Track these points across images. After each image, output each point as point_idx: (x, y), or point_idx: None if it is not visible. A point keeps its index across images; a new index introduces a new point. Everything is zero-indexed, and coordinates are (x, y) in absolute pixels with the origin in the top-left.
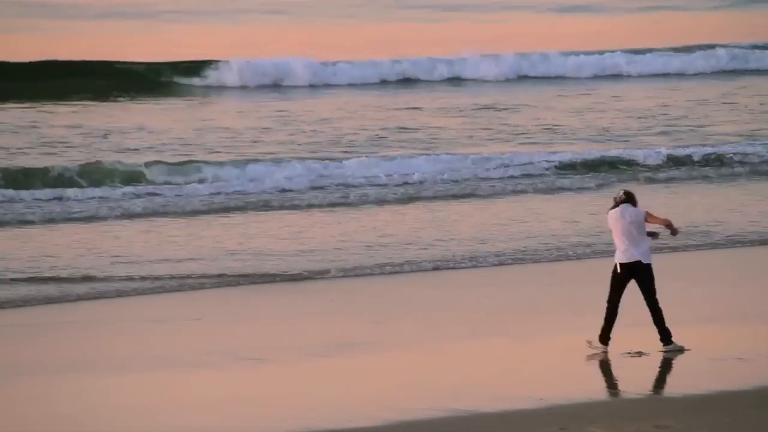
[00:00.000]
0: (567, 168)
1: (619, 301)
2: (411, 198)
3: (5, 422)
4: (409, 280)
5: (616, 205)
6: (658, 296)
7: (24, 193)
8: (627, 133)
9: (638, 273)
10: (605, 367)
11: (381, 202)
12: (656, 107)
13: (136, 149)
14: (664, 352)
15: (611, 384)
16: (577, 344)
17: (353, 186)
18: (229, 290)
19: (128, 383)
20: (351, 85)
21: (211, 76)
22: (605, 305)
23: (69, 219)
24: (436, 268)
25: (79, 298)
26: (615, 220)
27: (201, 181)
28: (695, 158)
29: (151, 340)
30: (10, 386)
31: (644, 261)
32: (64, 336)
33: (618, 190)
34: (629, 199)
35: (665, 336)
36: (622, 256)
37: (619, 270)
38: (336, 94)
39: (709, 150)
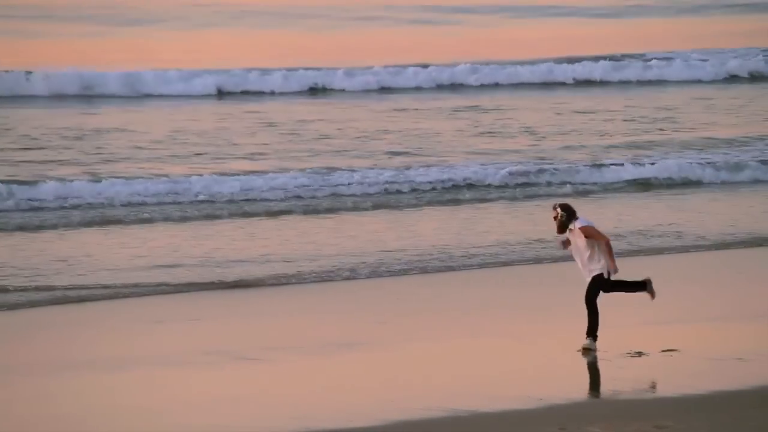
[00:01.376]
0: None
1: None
2: (396, 204)
3: (5, 422)
4: (408, 280)
5: (567, 223)
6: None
7: None
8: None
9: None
10: (605, 367)
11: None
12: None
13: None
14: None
15: (611, 384)
16: (576, 344)
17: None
18: (227, 291)
19: (128, 383)
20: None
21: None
22: (587, 307)
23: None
24: (432, 270)
25: (72, 300)
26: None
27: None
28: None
29: (150, 340)
30: (9, 386)
31: None
32: (61, 336)
33: (556, 204)
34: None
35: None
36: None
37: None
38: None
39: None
